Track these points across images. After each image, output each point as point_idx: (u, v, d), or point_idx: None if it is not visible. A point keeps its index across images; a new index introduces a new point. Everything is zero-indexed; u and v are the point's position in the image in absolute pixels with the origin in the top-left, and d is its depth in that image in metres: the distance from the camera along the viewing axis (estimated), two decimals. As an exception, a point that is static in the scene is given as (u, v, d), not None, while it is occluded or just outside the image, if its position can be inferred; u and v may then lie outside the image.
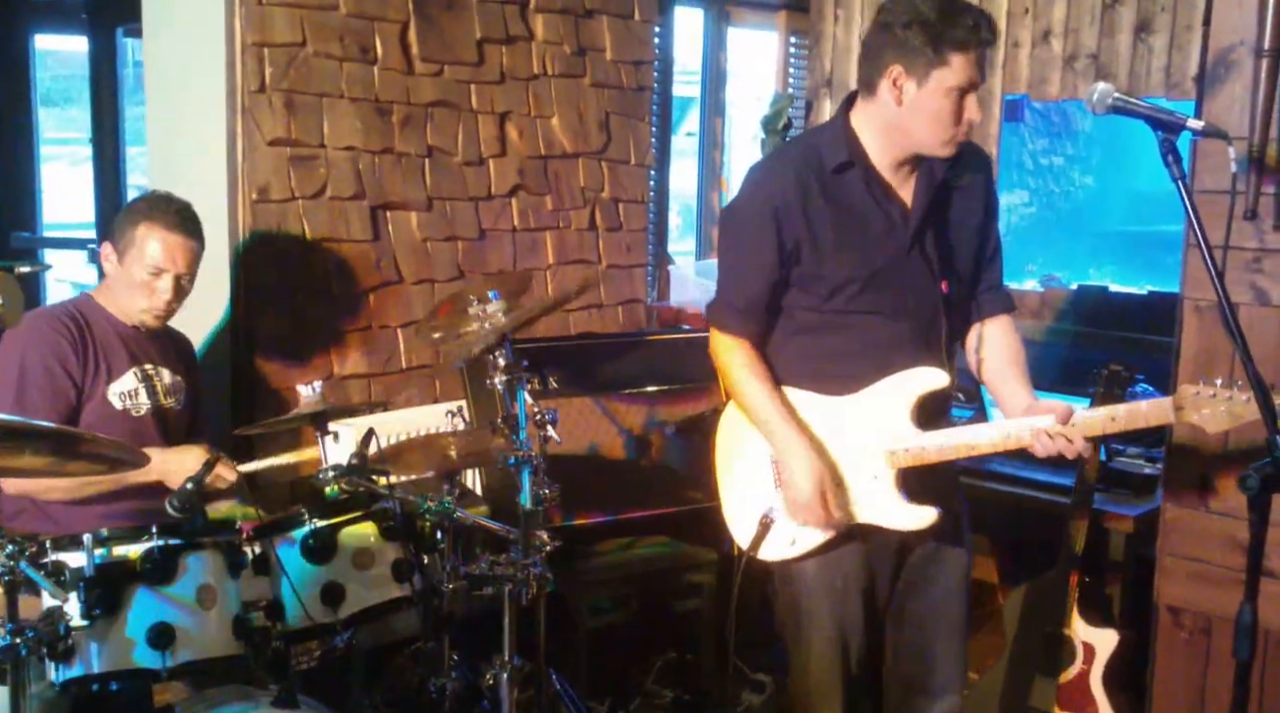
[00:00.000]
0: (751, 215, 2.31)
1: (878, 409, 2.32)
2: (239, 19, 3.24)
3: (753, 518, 2.39)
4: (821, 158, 2.30)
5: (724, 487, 2.48)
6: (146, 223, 2.67)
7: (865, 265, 2.29)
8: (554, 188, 3.92)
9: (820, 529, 2.33)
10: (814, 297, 2.32)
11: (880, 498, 2.32)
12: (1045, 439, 2.22)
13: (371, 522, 2.42)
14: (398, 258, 3.60)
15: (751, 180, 2.38)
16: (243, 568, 2.24)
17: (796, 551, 2.37)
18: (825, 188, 2.28)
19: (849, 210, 2.29)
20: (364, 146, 3.48)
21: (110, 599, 2.07)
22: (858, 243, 2.29)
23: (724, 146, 4.67)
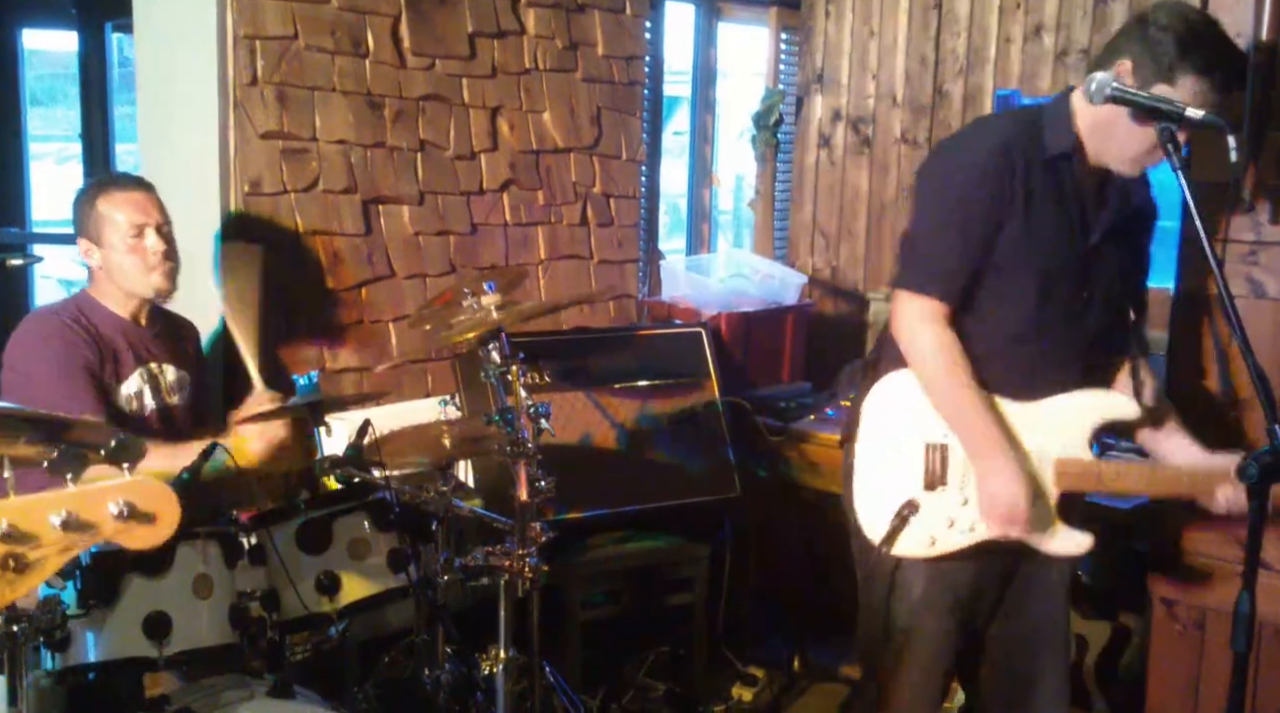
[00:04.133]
0: (965, 182, 2.20)
1: (1056, 425, 2.24)
2: (230, 12, 3.23)
3: (889, 508, 2.25)
4: (1043, 140, 2.20)
5: (859, 471, 2.33)
6: (103, 196, 2.67)
7: (1053, 260, 2.22)
8: (546, 183, 3.92)
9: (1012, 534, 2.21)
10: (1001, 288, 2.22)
11: (1041, 518, 2.23)
12: (1229, 491, 2.15)
13: (366, 512, 2.41)
14: (390, 252, 3.58)
15: (962, 147, 2.28)
16: (239, 558, 2.24)
17: (935, 550, 2.26)
18: (1035, 171, 2.19)
19: (1055, 201, 2.21)
20: (356, 140, 3.47)
21: (106, 588, 2.07)
22: (1051, 237, 2.21)
23: (714, 143, 4.67)
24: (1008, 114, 2.51)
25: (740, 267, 4.13)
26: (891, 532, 2.21)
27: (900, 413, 2.28)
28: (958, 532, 2.24)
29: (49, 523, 1.22)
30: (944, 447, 2.26)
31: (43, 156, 5.91)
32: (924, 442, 2.27)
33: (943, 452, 2.26)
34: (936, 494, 2.26)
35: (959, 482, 2.27)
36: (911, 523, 2.22)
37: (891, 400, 2.31)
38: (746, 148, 4.56)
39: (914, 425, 2.27)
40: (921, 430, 2.27)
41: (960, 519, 2.26)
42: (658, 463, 3.50)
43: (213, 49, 3.25)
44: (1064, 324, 2.25)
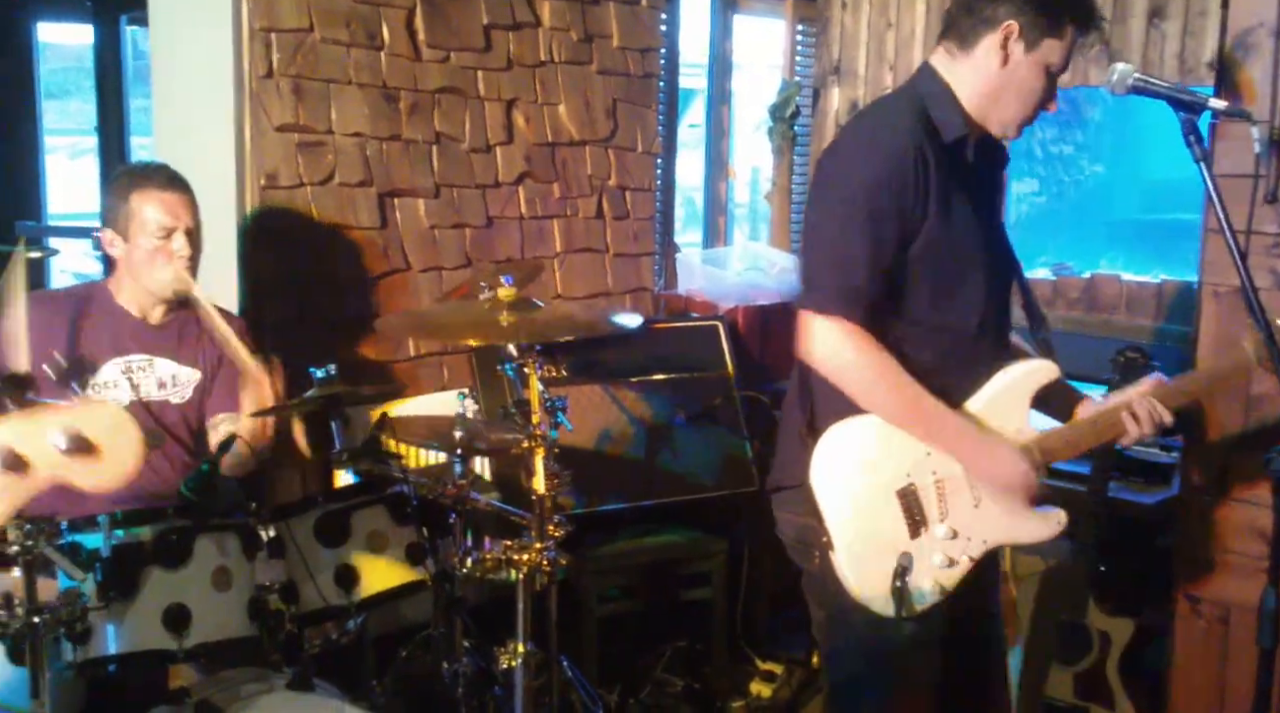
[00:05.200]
0: (871, 185, 2.04)
1: (996, 411, 2.15)
2: (245, 4, 3.22)
3: (884, 567, 2.08)
4: (934, 125, 2.10)
5: (836, 530, 2.11)
6: (137, 192, 2.64)
7: (978, 248, 2.14)
8: (561, 176, 3.91)
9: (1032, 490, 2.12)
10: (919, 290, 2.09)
11: (1009, 511, 2.14)
12: (1133, 419, 2.11)
13: (384, 505, 2.41)
14: (405, 245, 3.58)
15: (864, 145, 2.12)
16: (258, 550, 2.23)
17: (947, 593, 2.13)
18: (940, 160, 2.07)
19: (963, 188, 2.12)
20: (371, 133, 3.46)
21: (126, 581, 2.06)
22: (972, 226, 2.12)
23: (730, 135, 4.65)
24: (890, 104, 2.23)
25: (757, 260, 4.11)
26: (898, 594, 2.05)
27: (854, 467, 2.11)
28: (955, 565, 2.13)
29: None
30: (911, 488, 2.12)
31: (58, 150, 5.92)
32: (890, 490, 2.11)
33: (912, 493, 2.12)
34: (924, 539, 2.13)
35: (937, 515, 2.13)
36: (910, 578, 2.07)
37: (840, 455, 2.12)
38: (762, 140, 4.54)
39: (873, 475, 2.11)
40: (882, 478, 2.11)
41: (954, 551, 2.14)
42: (675, 457, 3.49)
43: (228, 41, 3.24)
44: (995, 310, 2.19)
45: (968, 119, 2.14)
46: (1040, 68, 2.10)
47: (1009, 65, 2.09)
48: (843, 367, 2.07)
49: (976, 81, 2.12)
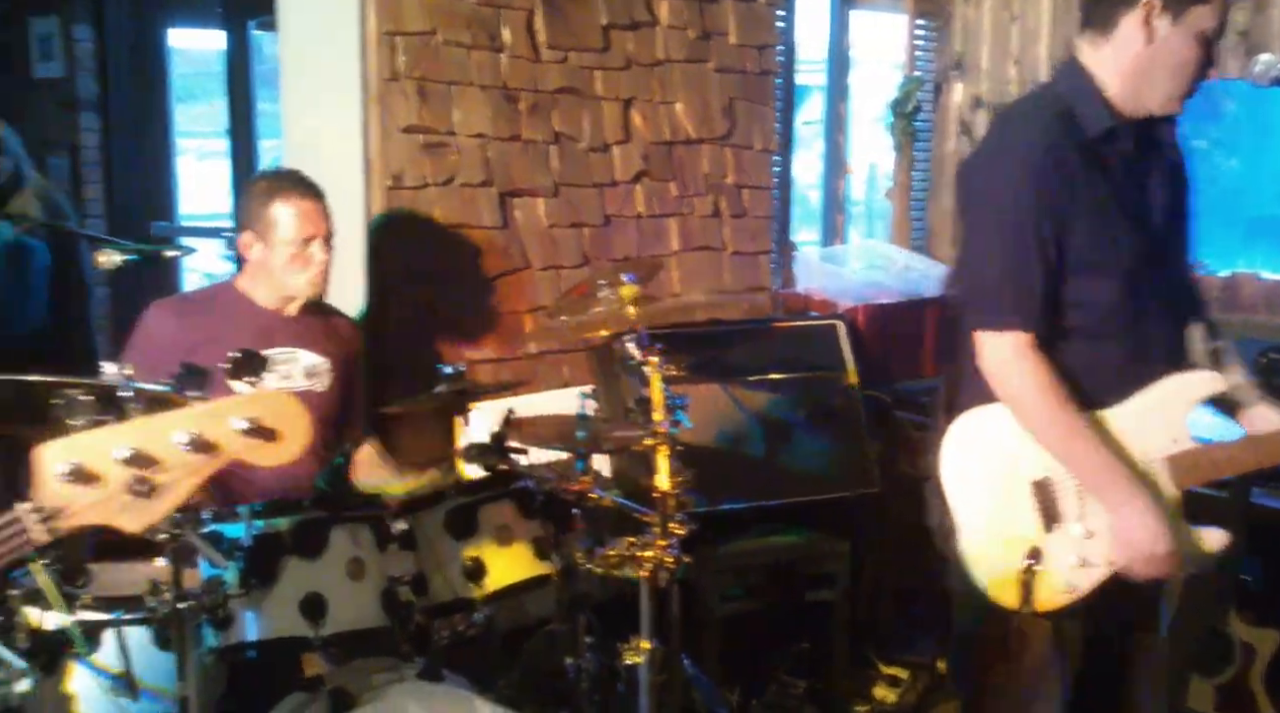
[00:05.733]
0: (1019, 193, 2.00)
1: (1156, 421, 2.05)
2: (371, 8, 3.29)
3: (1010, 557, 2.05)
4: (1078, 122, 2.03)
5: (962, 522, 2.11)
6: (279, 200, 2.70)
7: (1128, 249, 2.05)
8: (678, 174, 3.91)
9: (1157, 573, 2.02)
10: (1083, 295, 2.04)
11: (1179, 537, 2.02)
12: None
13: (511, 500, 2.44)
14: (525, 244, 3.62)
15: (1003, 153, 2.08)
16: (389, 542, 2.27)
17: (1076, 595, 2.06)
18: (1084, 159, 2.02)
19: (1111, 185, 2.05)
20: (492, 133, 3.51)
21: (266, 570, 2.12)
22: (1121, 225, 2.05)
23: (848, 132, 4.60)
24: (1031, 105, 2.17)
25: (877, 258, 4.06)
26: (1025, 591, 2.02)
27: (990, 453, 2.08)
28: (1091, 568, 2.05)
29: (172, 443, 1.17)
30: (1048, 481, 2.07)
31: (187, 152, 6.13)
32: (1027, 480, 2.07)
33: (1049, 487, 2.07)
34: (1057, 535, 2.07)
35: (1075, 513, 2.06)
36: (1040, 573, 2.03)
37: (977, 439, 2.11)
38: (880, 137, 4.49)
39: (1010, 464, 2.07)
40: (1020, 468, 2.07)
41: (1090, 554, 2.06)
42: (796, 457, 3.46)
43: (354, 45, 3.32)
44: (1148, 313, 2.09)
45: (1114, 110, 2.07)
46: (1192, 37, 2.00)
47: (1155, 42, 2.00)
48: (1006, 381, 2.03)
49: (1123, 64, 2.04)
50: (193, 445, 1.17)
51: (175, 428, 1.17)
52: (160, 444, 1.17)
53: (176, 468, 1.18)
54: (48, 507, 1.15)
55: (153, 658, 2.13)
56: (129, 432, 1.17)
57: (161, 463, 1.17)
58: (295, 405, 1.24)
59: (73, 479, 1.14)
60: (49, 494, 1.15)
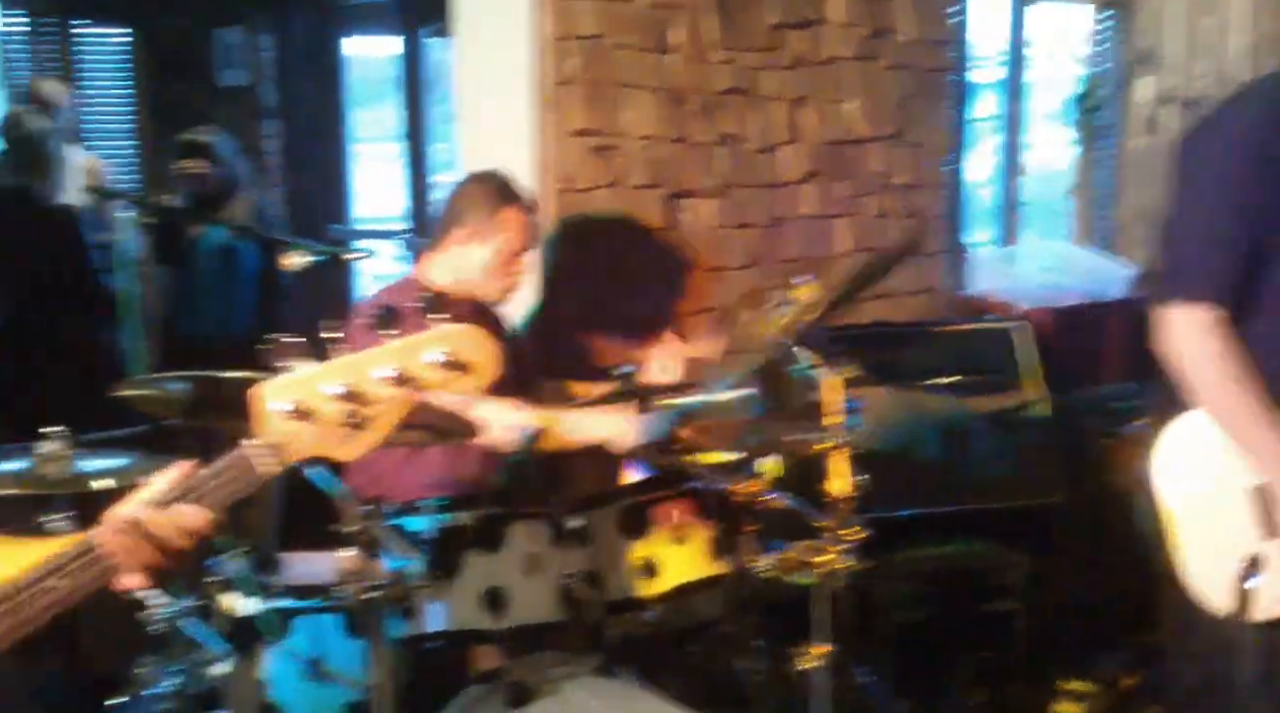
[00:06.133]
0: (1231, 159, 1.93)
1: None
2: (546, 13, 3.34)
3: (1225, 563, 1.96)
4: None
5: (1176, 529, 2.04)
6: (511, 208, 2.74)
7: None
8: (848, 174, 3.86)
9: None
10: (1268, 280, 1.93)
11: None
12: None
13: (684, 500, 2.43)
14: (692, 246, 3.62)
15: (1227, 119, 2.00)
16: (564, 538, 2.30)
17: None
18: None
19: None
20: (660, 135, 3.52)
21: (448, 562, 2.17)
22: None
23: (1023, 129, 4.47)
24: (1272, 83, 2.04)
25: (1056, 259, 3.92)
26: (1241, 597, 1.92)
27: (1204, 458, 1.99)
28: None
29: (375, 379, 1.24)
30: (1269, 487, 1.96)
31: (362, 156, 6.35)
32: (1245, 486, 1.97)
33: (1270, 493, 1.96)
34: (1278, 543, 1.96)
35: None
36: (1260, 581, 1.93)
37: (1191, 444, 2.01)
38: (1057, 134, 4.34)
39: (1226, 469, 1.98)
40: (1237, 473, 1.97)
41: None
42: (973, 463, 3.37)
43: (527, 50, 3.37)
44: None
45: None
46: None
47: None
48: (1187, 357, 1.95)
49: None
50: (394, 379, 1.24)
51: (377, 364, 1.24)
52: (365, 380, 1.24)
53: (382, 401, 1.25)
54: (272, 443, 1.24)
55: (342, 646, 2.21)
56: (336, 370, 1.24)
57: (368, 397, 1.24)
58: (484, 338, 1.30)
59: (294, 416, 1.22)
60: (271, 431, 1.24)
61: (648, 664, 2.61)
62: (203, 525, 1.26)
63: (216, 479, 1.27)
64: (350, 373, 1.24)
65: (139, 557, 1.24)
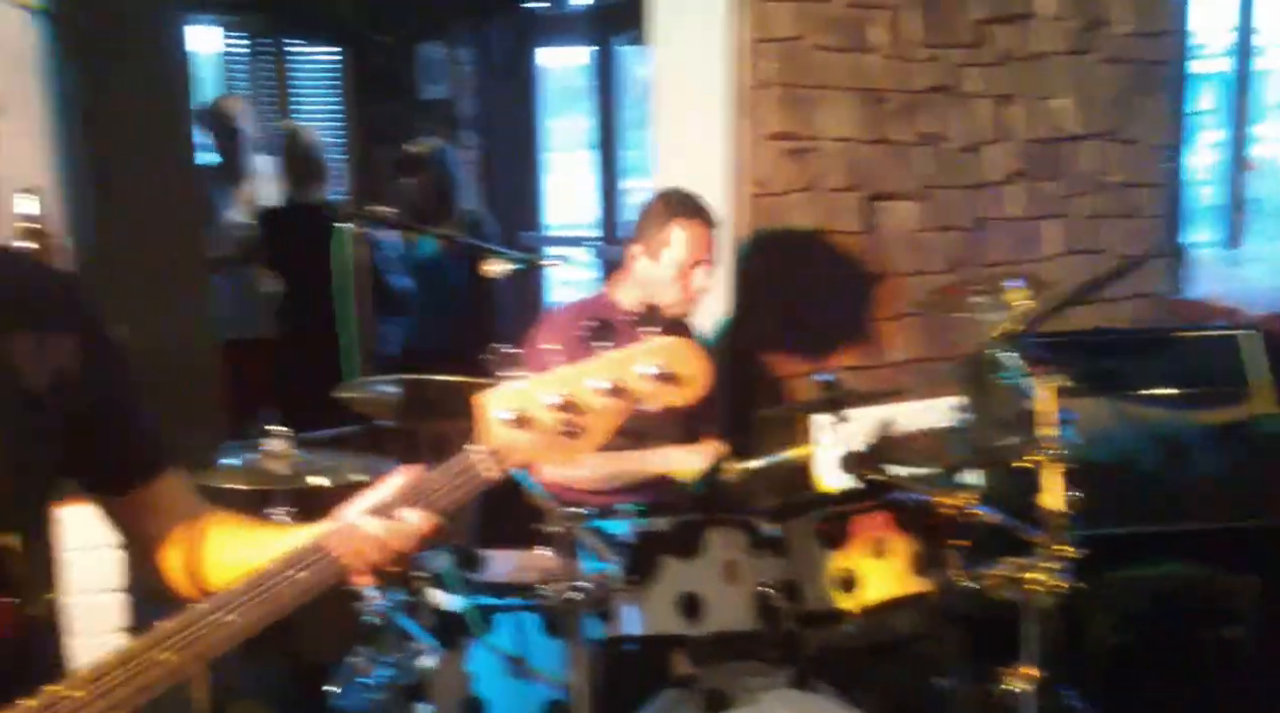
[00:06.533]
0: None
1: None
2: (743, 17, 3.32)
3: None
4: None
5: None
6: (678, 221, 2.77)
7: None
8: (1058, 173, 3.70)
9: None
10: None
11: None
12: None
13: (886, 512, 2.37)
14: (890, 249, 3.54)
15: None
16: (762, 547, 2.27)
17: None
18: None
19: None
20: (858, 137, 3.46)
21: (646, 567, 2.17)
22: None
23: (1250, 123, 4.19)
24: None
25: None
26: None
27: None
28: None
29: (591, 390, 1.28)
30: None
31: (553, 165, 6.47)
32: None
33: None
34: None
35: None
36: None
37: None
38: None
39: None
40: None
41: None
42: (1196, 480, 3.15)
43: (724, 54, 3.36)
44: None
45: None
46: None
47: None
48: None
49: None
50: (608, 391, 1.28)
51: (591, 376, 1.29)
52: (582, 391, 1.28)
53: (596, 412, 1.29)
54: (495, 449, 1.28)
55: (542, 644, 2.24)
56: (554, 381, 1.28)
57: (583, 407, 1.28)
58: (694, 352, 1.32)
59: (514, 424, 1.27)
60: (494, 438, 1.28)
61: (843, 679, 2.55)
62: (428, 529, 1.29)
63: (442, 483, 1.30)
64: (567, 384, 1.28)
65: (366, 558, 1.28)
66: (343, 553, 1.27)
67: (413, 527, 1.28)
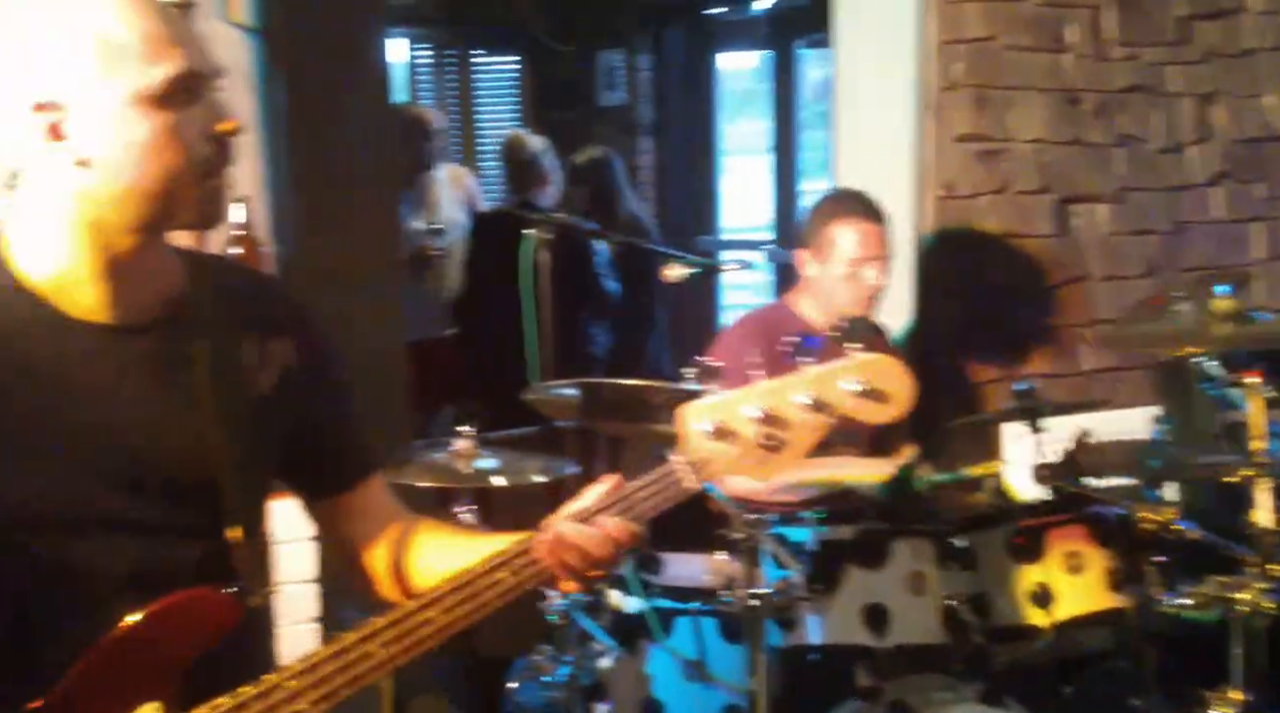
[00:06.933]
0: None
1: None
2: (931, 18, 3.26)
3: None
4: None
5: None
6: (840, 220, 2.73)
7: None
8: (1265, 175, 3.50)
9: None
10: None
11: None
12: None
13: (1082, 525, 2.29)
14: (1084, 253, 3.42)
15: None
16: (950, 559, 2.22)
17: None
18: None
19: None
20: (1051, 138, 3.35)
21: (829, 575, 2.15)
22: None
23: None
24: None
25: None
26: None
27: None
28: None
29: (794, 404, 1.28)
30: None
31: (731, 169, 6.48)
32: None
33: None
34: None
35: None
36: None
37: None
38: None
39: None
40: None
41: None
42: None
43: (911, 56, 3.30)
44: None
45: None
46: None
47: None
48: None
49: None
50: (811, 406, 1.28)
51: (795, 390, 1.28)
52: (784, 405, 1.28)
53: (798, 426, 1.29)
54: (695, 460, 1.29)
55: (721, 650, 2.23)
56: (757, 395, 1.29)
57: (786, 421, 1.28)
58: (899, 369, 1.31)
59: (715, 436, 1.27)
60: (695, 449, 1.29)
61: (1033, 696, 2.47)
62: (628, 537, 1.30)
63: (644, 492, 1.31)
64: (770, 397, 1.28)
65: (568, 565, 1.30)
66: (546, 559, 1.29)
67: (614, 535, 1.29)
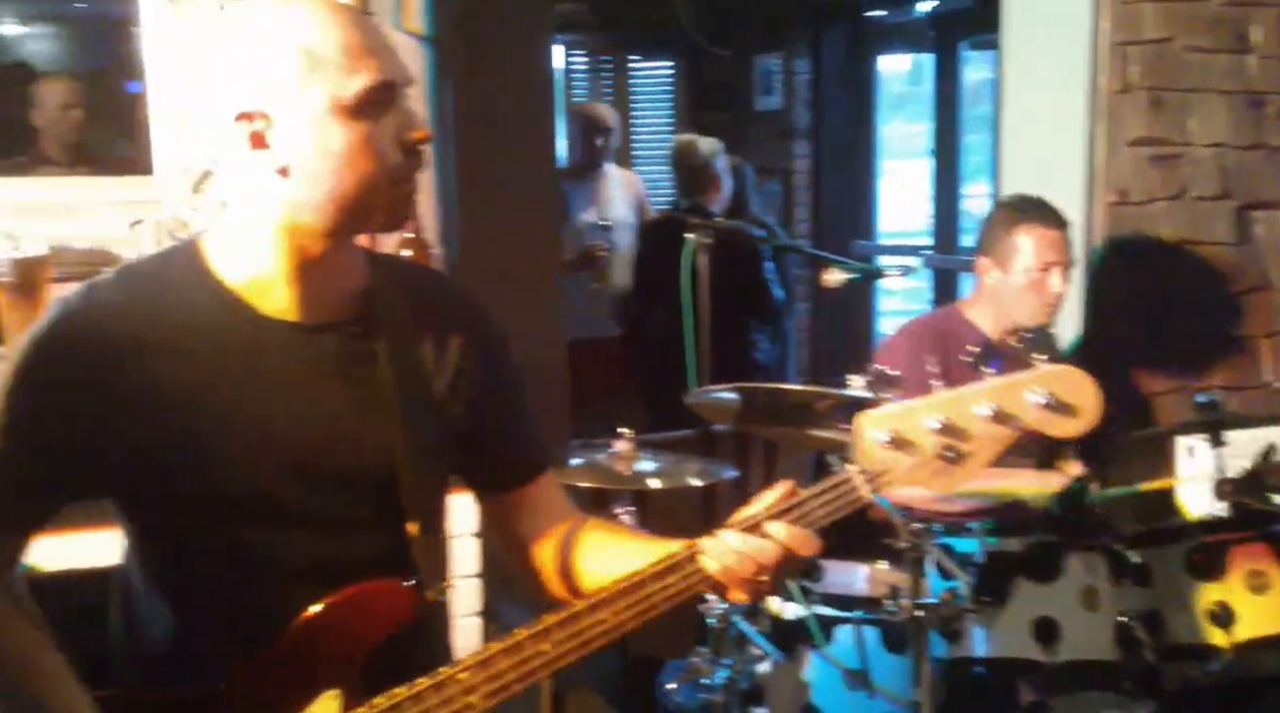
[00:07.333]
0: None
1: None
2: (1106, 19, 3.16)
3: None
4: None
5: None
6: (1023, 226, 2.68)
7: None
8: None
9: None
10: None
11: None
12: None
13: (1268, 543, 2.19)
14: (1266, 262, 3.28)
15: None
16: (1124, 575, 2.15)
17: None
18: None
19: None
20: (1232, 142, 3.23)
21: (997, 587, 2.11)
22: None
23: None
24: None
25: None
26: None
27: None
28: None
29: (975, 415, 1.25)
30: None
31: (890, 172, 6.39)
32: None
33: None
34: None
35: None
36: None
37: None
38: None
39: None
40: None
41: None
42: None
43: (1083, 58, 3.21)
44: None
45: None
46: None
47: None
48: None
49: None
50: (993, 417, 1.25)
51: (977, 401, 1.26)
52: (965, 416, 1.25)
53: (979, 437, 1.26)
54: (871, 469, 1.28)
55: (883, 659, 2.21)
56: (937, 404, 1.26)
57: (966, 433, 1.25)
58: (1088, 382, 1.27)
59: (891, 446, 1.25)
60: (871, 459, 1.27)
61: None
62: (802, 545, 1.29)
63: (818, 501, 1.30)
64: (951, 407, 1.25)
65: (736, 573, 1.29)
66: (715, 565, 1.29)
67: (788, 544, 1.28)
